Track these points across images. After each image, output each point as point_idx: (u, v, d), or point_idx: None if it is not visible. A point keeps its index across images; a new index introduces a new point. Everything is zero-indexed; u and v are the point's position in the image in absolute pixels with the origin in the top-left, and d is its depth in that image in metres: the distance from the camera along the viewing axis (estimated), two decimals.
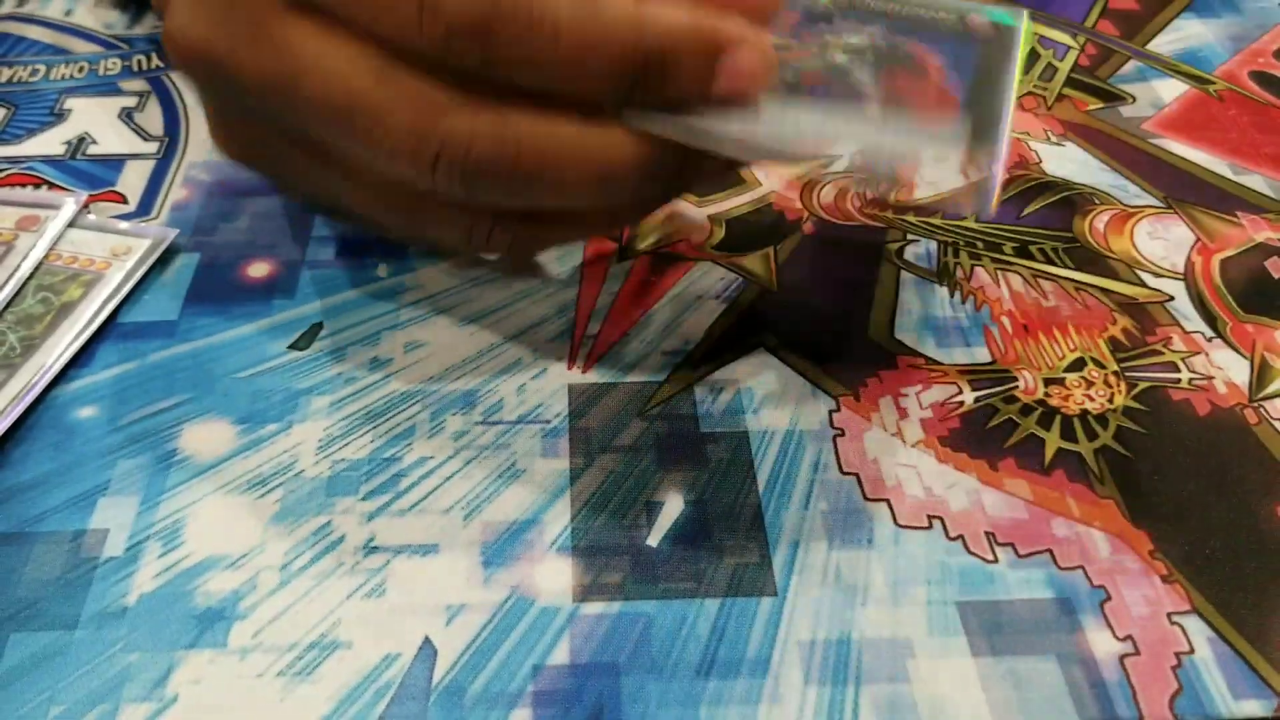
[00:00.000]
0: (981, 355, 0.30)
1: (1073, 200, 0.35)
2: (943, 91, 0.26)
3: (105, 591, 0.25)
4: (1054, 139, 0.37)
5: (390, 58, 0.23)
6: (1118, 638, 0.24)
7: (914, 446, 0.28)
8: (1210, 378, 0.29)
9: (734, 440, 0.28)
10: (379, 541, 0.26)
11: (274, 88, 0.24)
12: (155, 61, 0.40)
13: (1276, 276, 0.32)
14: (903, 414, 0.28)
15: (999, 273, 0.32)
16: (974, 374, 0.30)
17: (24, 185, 0.35)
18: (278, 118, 0.24)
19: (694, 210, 0.34)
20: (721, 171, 0.29)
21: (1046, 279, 0.32)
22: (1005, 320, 0.31)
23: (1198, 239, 0.34)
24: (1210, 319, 0.31)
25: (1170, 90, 0.40)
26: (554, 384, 0.29)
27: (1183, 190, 0.35)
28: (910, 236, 0.34)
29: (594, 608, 0.24)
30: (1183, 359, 0.30)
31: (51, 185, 0.35)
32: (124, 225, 0.33)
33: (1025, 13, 0.26)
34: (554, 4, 0.22)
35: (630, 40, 0.22)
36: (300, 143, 0.25)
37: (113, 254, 0.32)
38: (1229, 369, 0.30)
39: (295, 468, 0.27)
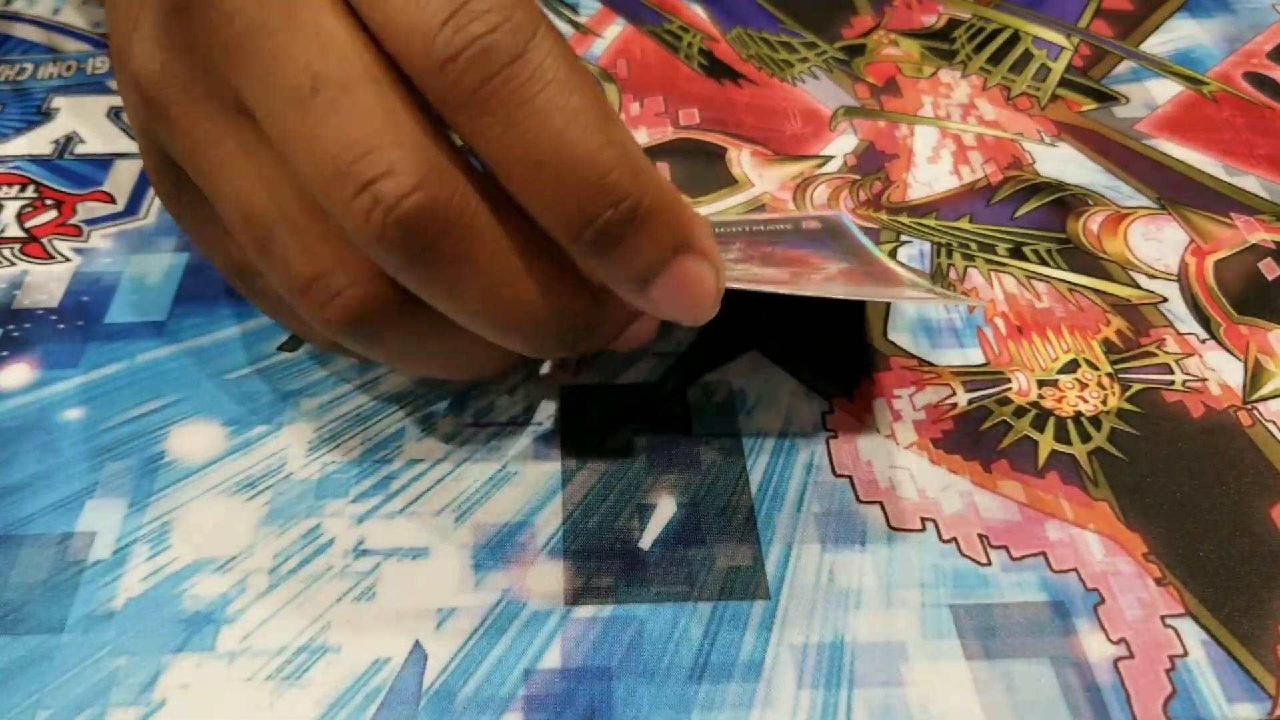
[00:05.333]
0: (975, 357, 0.30)
1: (1066, 201, 0.35)
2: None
3: (92, 595, 0.24)
4: (1047, 140, 0.37)
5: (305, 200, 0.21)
6: (1111, 641, 0.24)
7: (907, 448, 0.28)
8: (1204, 380, 0.29)
9: (726, 442, 0.28)
10: (369, 544, 0.25)
11: (193, 169, 0.23)
12: None
13: (1270, 278, 0.32)
14: (896, 416, 0.28)
15: (992, 274, 0.32)
16: (967, 375, 0.29)
17: (11, 185, 0.35)
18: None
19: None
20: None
21: (1040, 280, 0.32)
22: (999, 322, 0.31)
23: (1191, 240, 0.34)
24: (1204, 320, 0.31)
25: (1164, 91, 0.40)
26: (546, 386, 0.29)
27: (1176, 191, 0.35)
28: (904, 237, 0.33)
29: (586, 611, 0.24)
30: (1176, 361, 0.30)
31: (39, 185, 0.35)
32: None
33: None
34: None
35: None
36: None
37: None
38: (1223, 371, 0.30)
39: (285, 470, 0.27)
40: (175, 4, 0.22)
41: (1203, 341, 0.30)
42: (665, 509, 0.26)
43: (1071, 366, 0.30)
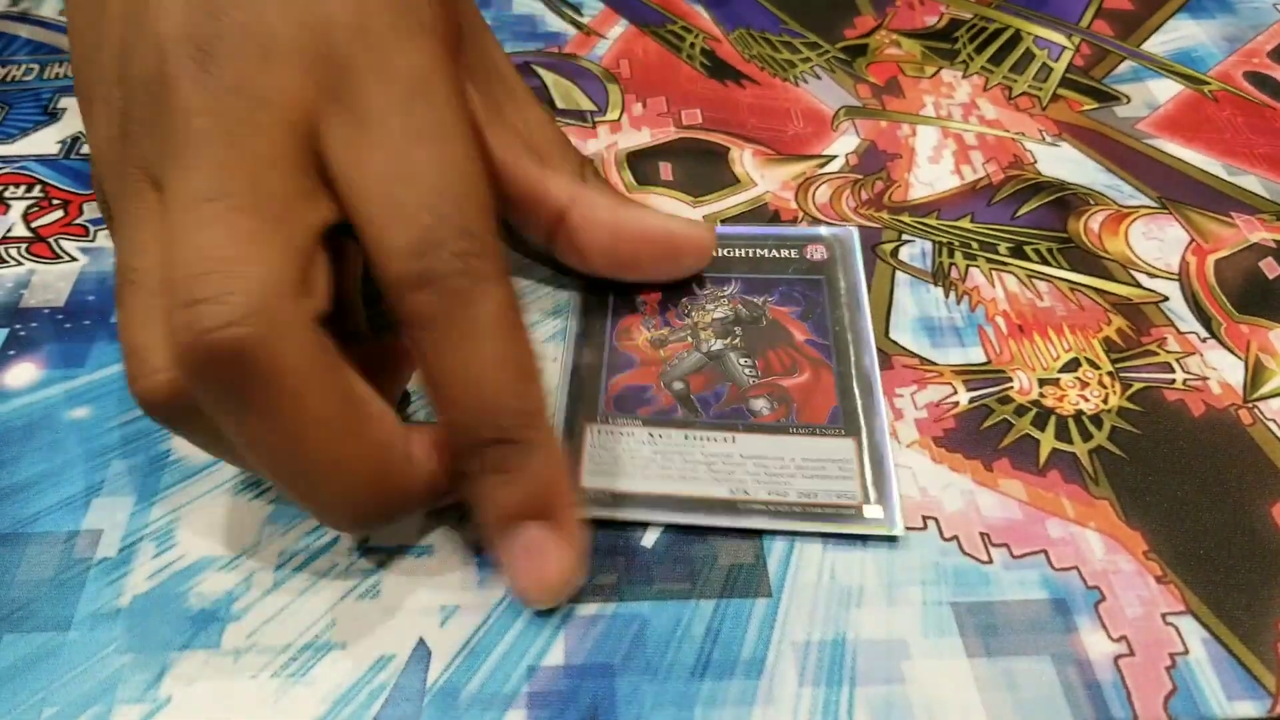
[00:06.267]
0: (976, 356, 0.30)
1: (1067, 200, 0.35)
2: (808, 352, 0.29)
3: (99, 592, 0.25)
4: (1049, 139, 0.37)
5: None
6: (1112, 638, 0.24)
7: (909, 447, 0.28)
8: (1205, 378, 0.29)
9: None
10: (373, 542, 0.26)
11: (111, 214, 0.24)
12: None
13: (1271, 277, 0.32)
14: (898, 414, 0.28)
15: (994, 273, 0.32)
16: (969, 374, 0.30)
17: (17, 184, 0.35)
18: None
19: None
20: None
21: (1041, 279, 0.32)
22: (1000, 321, 0.31)
23: (1192, 239, 0.34)
24: (1205, 319, 0.31)
25: (1165, 90, 0.40)
26: (548, 384, 0.29)
27: (1177, 190, 0.35)
28: (905, 237, 0.34)
29: (589, 609, 0.24)
30: (1177, 359, 0.30)
31: (46, 184, 0.35)
32: None
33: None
34: None
35: None
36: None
37: None
38: (1223, 369, 0.30)
39: None
40: (139, 95, 0.22)
41: (1203, 340, 0.31)
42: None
43: (1072, 365, 0.30)
